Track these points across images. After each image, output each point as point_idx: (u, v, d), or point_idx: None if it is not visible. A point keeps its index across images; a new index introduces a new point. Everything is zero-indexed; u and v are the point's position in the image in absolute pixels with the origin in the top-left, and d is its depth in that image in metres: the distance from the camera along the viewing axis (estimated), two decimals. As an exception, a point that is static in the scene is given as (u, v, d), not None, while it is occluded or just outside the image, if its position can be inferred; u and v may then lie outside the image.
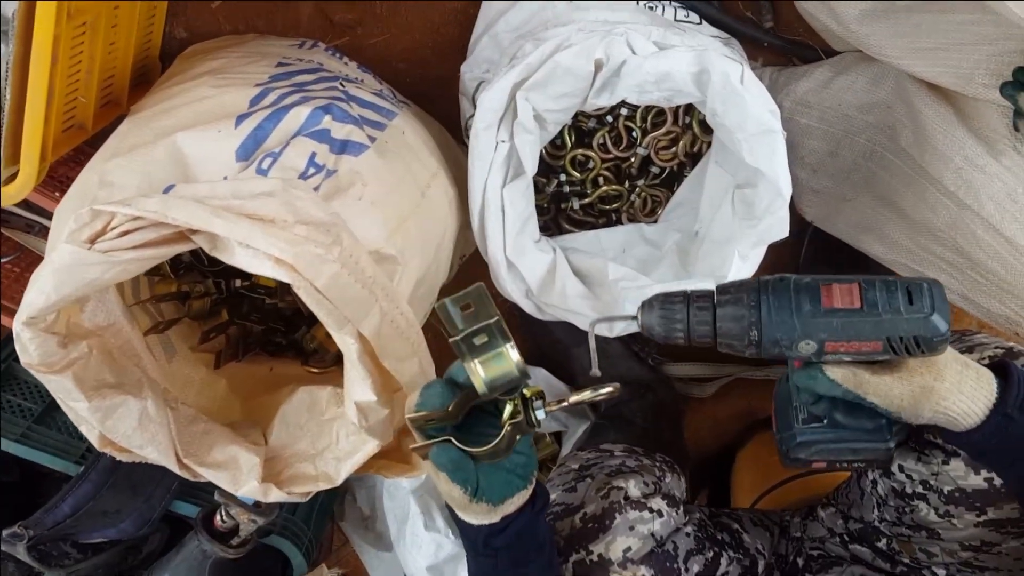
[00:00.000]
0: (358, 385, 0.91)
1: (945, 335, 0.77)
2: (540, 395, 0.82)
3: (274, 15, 1.31)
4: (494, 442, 0.80)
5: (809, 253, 1.41)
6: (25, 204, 1.29)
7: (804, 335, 0.78)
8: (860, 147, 1.18)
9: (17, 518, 1.22)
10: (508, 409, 0.80)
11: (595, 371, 0.86)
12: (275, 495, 1.01)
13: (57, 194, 1.21)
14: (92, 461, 1.23)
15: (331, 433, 1.03)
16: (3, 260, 1.43)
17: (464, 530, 0.88)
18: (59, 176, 1.28)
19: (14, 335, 0.90)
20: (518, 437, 0.82)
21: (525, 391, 0.82)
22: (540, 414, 0.82)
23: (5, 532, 1.23)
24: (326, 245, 0.86)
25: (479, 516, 0.83)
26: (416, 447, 0.81)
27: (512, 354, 0.76)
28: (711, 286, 0.84)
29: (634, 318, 0.85)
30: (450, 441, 0.79)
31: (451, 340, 0.76)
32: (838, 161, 1.21)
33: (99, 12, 1.08)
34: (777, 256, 1.43)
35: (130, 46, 1.20)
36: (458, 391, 0.80)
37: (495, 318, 0.76)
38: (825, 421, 0.88)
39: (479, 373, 0.77)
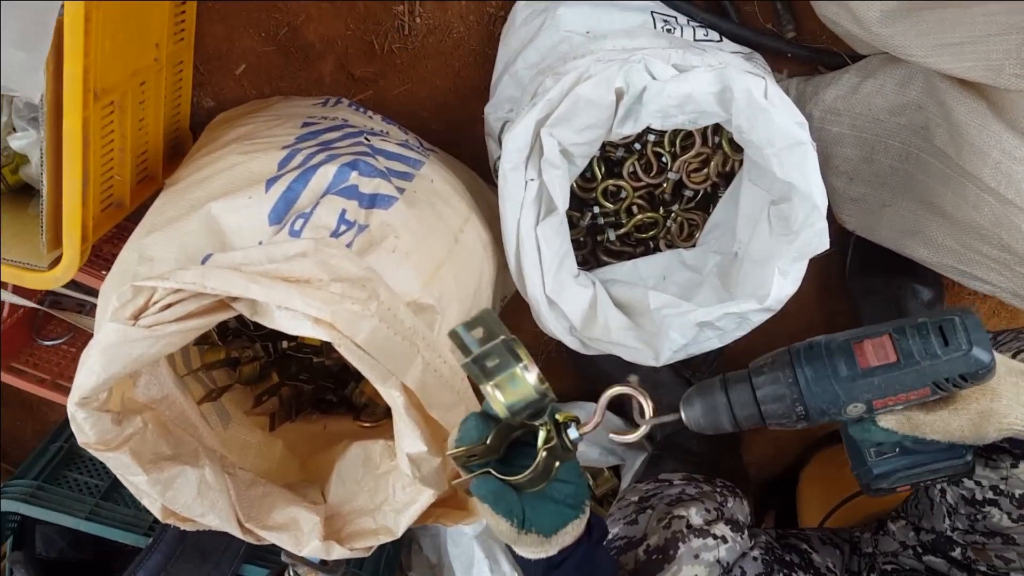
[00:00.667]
0: (407, 437, 0.92)
1: (989, 365, 0.75)
2: (575, 420, 0.81)
3: (297, 75, 1.33)
4: (530, 469, 0.79)
5: (854, 263, 1.38)
6: (74, 285, 1.32)
7: (849, 399, 0.77)
8: (895, 150, 1.16)
9: (94, 594, 1.25)
10: (542, 435, 0.79)
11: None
12: (338, 552, 1.01)
13: (104, 272, 1.23)
14: (160, 532, 1.24)
15: (387, 486, 1.03)
16: (57, 342, 1.47)
17: (523, 567, 0.87)
18: (105, 254, 1.30)
19: (69, 416, 0.91)
20: (557, 464, 0.81)
21: (557, 416, 0.81)
22: (572, 433, 0.81)
23: (81, 609, 1.25)
24: (363, 301, 0.86)
25: (534, 549, 0.82)
26: (457, 481, 0.81)
27: (527, 375, 0.75)
28: (745, 364, 0.83)
29: (679, 418, 0.83)
30: (488, 472, 0.79)
31: (462, 364, 0.76)
32: (874, 167, 1.19)
33: (126, 91, 1.11)
34: (822, 269, 1.41)
35: (159, 120, 1.23)
36: (494, 423, 0.80)
37: (501, 338, 0.75)
38: (897, 450, 0.86)
39: (497, 397, 0.76)
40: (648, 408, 0.82)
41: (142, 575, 1.23)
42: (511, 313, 1.34)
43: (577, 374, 1.52)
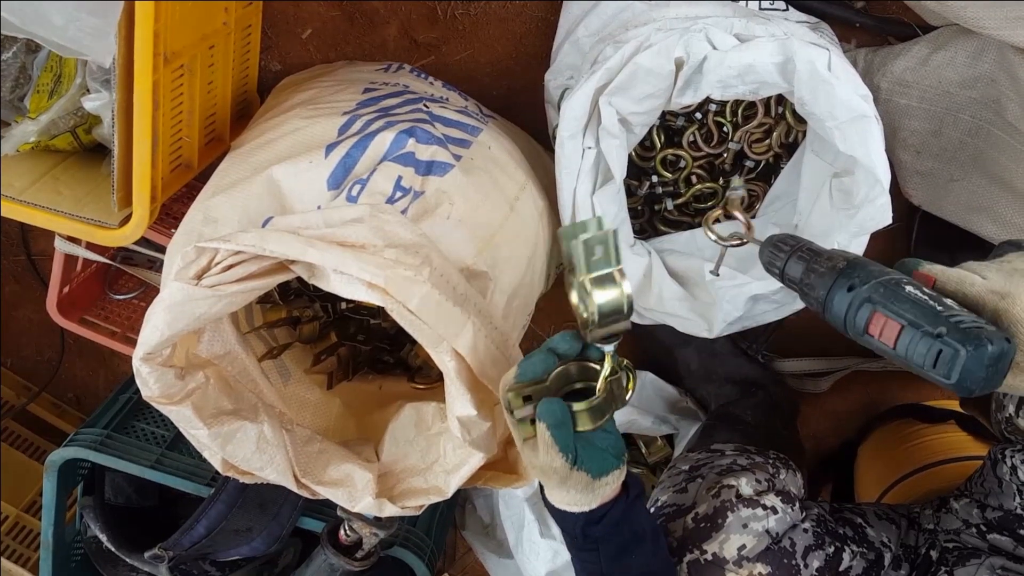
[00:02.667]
0: (458, 401, 0.93)
1: (964, 394, 0.75)
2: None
3: (361, 40, 1.34)
4: (593, 397, 0.81)
5: (920, 237, 1.35)
6: (145, 242, 1.36)
7: (853, 338, 0.81)
8: (964, 124, 1.13)
9: (159, 540, 1.29)
10: (607, 366, 0.81)
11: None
12: (390, 509, 1.04)
13: (173, 230, 1.27)
14: (221, 483, 1.28)
15: (438, 447, 1.05)
16: (128, 296, 1.52)
17: (563, 523, 0.89)
18: (174, 213, 1.34)
19: (134, 370, 0.95)
20: (615, 406, 0.83)
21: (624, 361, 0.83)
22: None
23: (147, 554, 1.30)
24: (415, 267, 0.88)
25: (578, 496, 0.84)
26: (521, 414, 0.82)
27: (623, 282, 0.76)
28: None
29: (756, 244, 0.94)
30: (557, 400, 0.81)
31: (570, 244, 0.76)
32: (942, 140, 1.16)
33: (195, 54, 1.13)
34: (887, 243, 1.38)
35: (228, 83, 1.25)
36: (557, 361, 0.82)
37: (610, 229, 0.76)
38: None
39: (592, 294, 0.76)
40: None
41: (205, 523, 1.27)
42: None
43: (631, 343, 1.52)
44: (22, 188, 1.17)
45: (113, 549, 1.38)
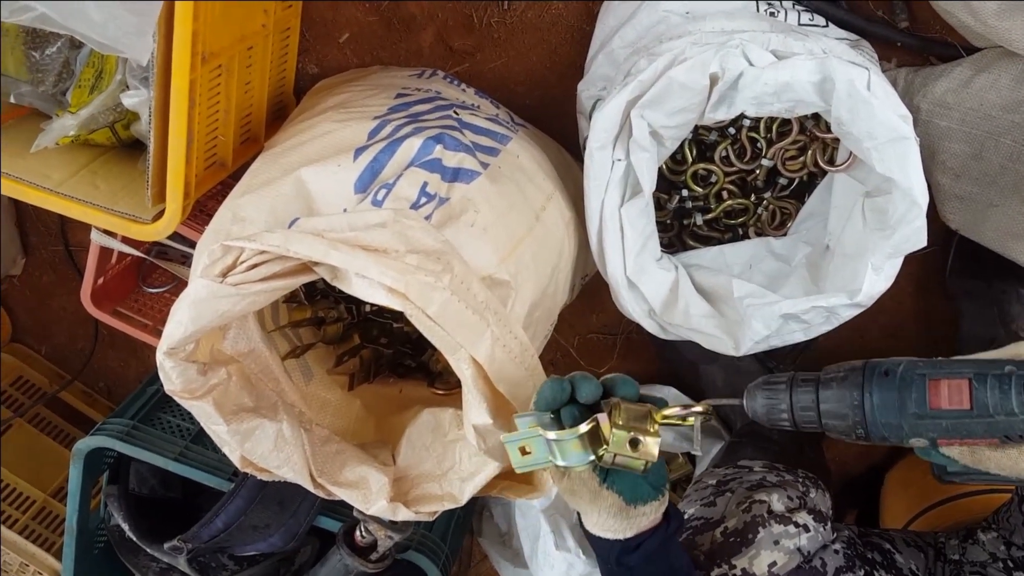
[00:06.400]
0: (475, 408, 0.93)
1: None
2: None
3: (397, 46, 1.35)
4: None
5: (956, 262, 1.33)
6: (179, 237, 1.37)
7: (912, 434, 0.75)
8: (1006, 149, 1.11)
9: (180, 531, 1.30)
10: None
11: (696, 451, 0.85)
12: (403, 514, 1.04)
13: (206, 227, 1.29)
14: (241, 479, 1.29)
15: (455, 454, 1.05)
16: (161, 290, 1.54)
17: (597, 547, 0.88)
18: (209, 210, 1.35)
19: (157, 364, 0.96)
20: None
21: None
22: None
23: (166, 545, 1.31)
24: (436, 273, 0.88)
25: (610, 520, 0.83)
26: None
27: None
28: (813, 375, 0.81)
29: (741, 404, 0.84)
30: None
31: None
32: (982, 164, 1.14)
33: (233, 54, 1.14)
34: (921, 266, 1.36)
35: (264, 84, 1.26)
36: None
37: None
38: None
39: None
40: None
41: (224, 518, 1.28)
42: (592, 292, 1.34)
43: (657, 357, 1.51)
44: (60, 180, 1.19)
45: (135, 538, 1.39)
